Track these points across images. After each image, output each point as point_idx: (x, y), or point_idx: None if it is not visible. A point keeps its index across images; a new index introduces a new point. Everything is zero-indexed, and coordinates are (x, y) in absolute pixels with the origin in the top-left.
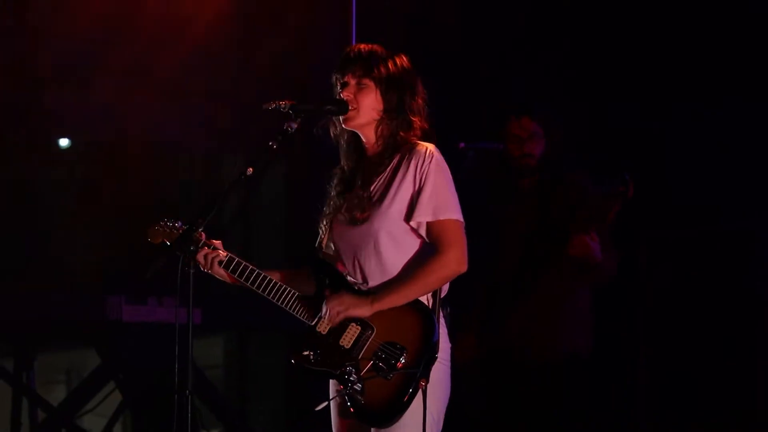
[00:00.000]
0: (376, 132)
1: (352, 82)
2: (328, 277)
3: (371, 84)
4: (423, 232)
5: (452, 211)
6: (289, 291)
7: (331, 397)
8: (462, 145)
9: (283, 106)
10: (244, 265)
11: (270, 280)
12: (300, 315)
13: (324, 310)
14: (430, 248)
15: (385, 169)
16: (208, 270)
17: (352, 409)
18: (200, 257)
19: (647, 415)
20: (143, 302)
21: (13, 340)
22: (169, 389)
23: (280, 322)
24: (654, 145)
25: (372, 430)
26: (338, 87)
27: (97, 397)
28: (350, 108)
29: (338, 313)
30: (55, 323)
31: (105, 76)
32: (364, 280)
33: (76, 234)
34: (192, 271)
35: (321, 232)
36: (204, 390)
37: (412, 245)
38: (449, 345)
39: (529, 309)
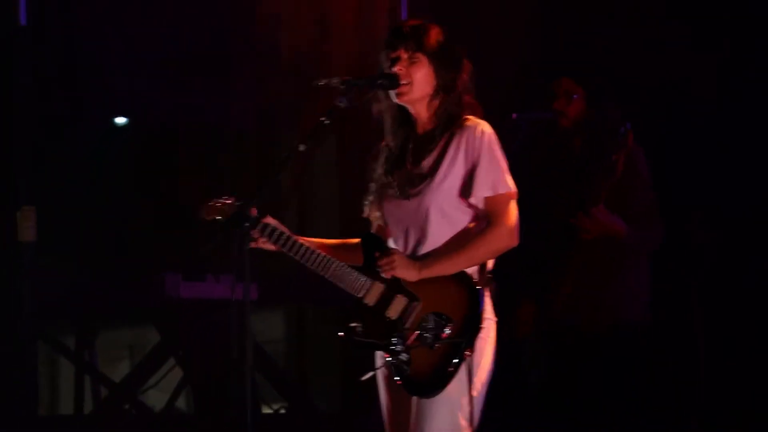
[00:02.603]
0: (428, 107)
1: (405, 56)
2: (377, 250)
3: (424, 59)
4: (481, 206)
5: (506, 185)
6: (337, 263)
7: (377, 367)
8: (514, 116)
9: (334, 81)
10: (292, 239)
11: (318, 254)
12: (347, 286)
13: (376, 265)
14: (480, 223)
15: (437, 145)
16: (262, 245)
17: (397, 380)
18: (254, 234)
19: (707, 384)
20: (201, 279)
21: (76, 320)
22: (228, 365)
23: (338, 295)
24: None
25: (415, 399)
26: (387, 62)
27: (158, 373)
28: (403, 82)
29: (387, 271)
30: (115, 302)
31: (162, 54)
32: (413, 254)
33: (133, 212)
34: (247, 247)
35: (367, 208)
36: (264, 365)
37: (463, 220)
38: (495, 319)
39: (582, 278)
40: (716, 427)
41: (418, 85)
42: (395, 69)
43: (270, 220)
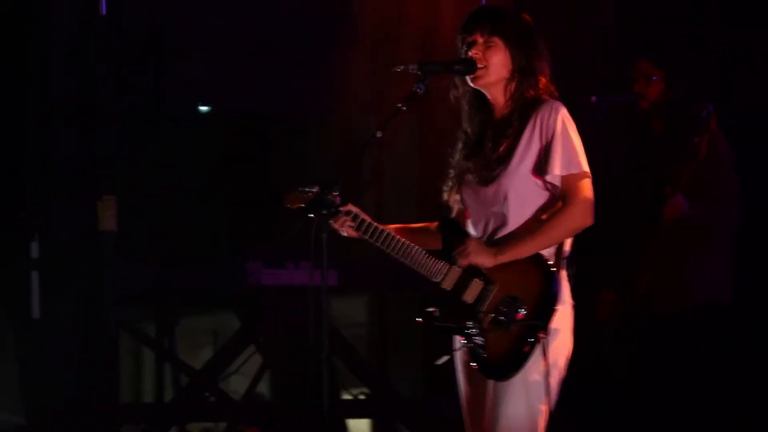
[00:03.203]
0: (505, 92)
1: (480, 40)
2: (455, 236)
3: (500, 42)
4: (558, 184)
5: (580, 165)
6: (415, 249)
7: (454, 350)
8: (594, 98)
9: (411, 67)
10: (373, 226)
11: (396, 240)
12: (425, 272)
13: (452, 253)
14: (556, 203)
15: (514, 129)
16: (343, 232)
17: (474, 364)
18: (336, 220)
19: None
20: (281, 266)
21: (157, 308)
22: (307, 351)
23: (418, 281)
24: None
25: (492, 383)
26: (464, 47)
27: (239, 360)
28: (479, 66)
29: (464, 258)
30: (196, 289)
31: (243, 41)
32: (493, 238)
33: (214, 200)
34: (325, 234)
35: (446, 193)
36: (344, 351)
37: (541, 202)
38: (572, 302)
39: (663, 261)
40: None
41: (494, 69)
42: (471, 53)
43: (351, 207)
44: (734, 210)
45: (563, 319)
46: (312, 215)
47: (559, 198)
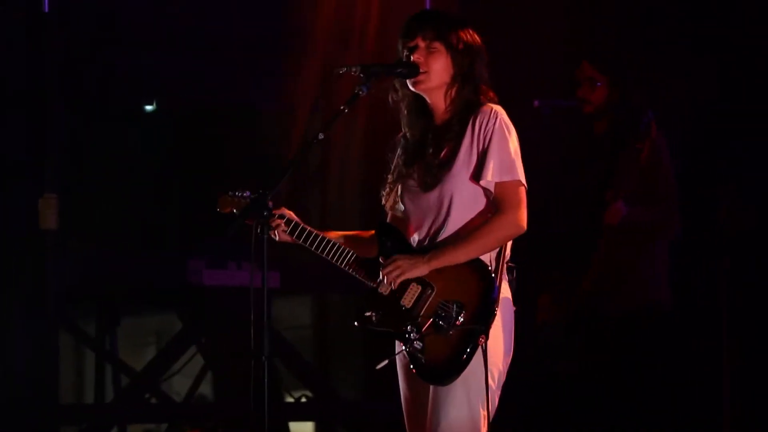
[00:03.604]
0: (445, 97)
1: (422, 45)
2: (390, 240)
3: (442, 47)
4: (492, 191)
5: (514, 173)
6: (351, 253)
7: (392, 356)
8: (537, 103)
9: (354, 69)
10: (307, 230)
11: (333, 244)
12: (362, 277)
13: (381, 276)
14: (490, 210)
15: (455, 134)
16: (278, 238)
17: (413, 368)
18: (271, 223)
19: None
20: (224, 266)
21: (98, 307)
22: (247, 353)
23: (360, 283)
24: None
25: (432, 387)
26: (405, 51)
27: (181, 360)
28: (421, 71)
29: (396, 277)
30: (137, 289)
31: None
32: (434, 241)
33: (157, 199)
34: (265, 235)
35: (384, 198)
36: (287, 353)
37: (481, 207)
38: (513, 308)
39: (605, 264)
40: (744, 419)
41: (435, 74)
42: (413, 57)
43: (284, 211)
44: (675, 216)
45: (504, 323)
46: (247, 220)
47: (494, 204)
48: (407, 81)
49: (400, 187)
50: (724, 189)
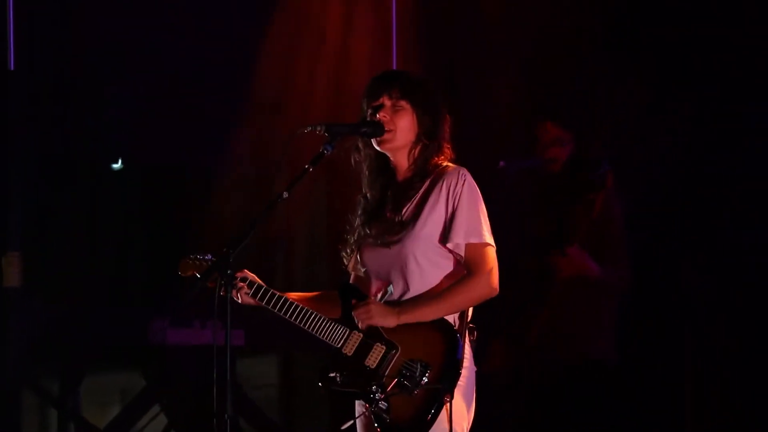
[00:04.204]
0: (409, 156)
1: (388, 103)
2: (355, 299)
3: (408, 106)
4: (461, 253)
5: (483, 235)
6: (314, 315)
7: (357, 416)
8: (502, 163)
9: (318, 128)
10: (270, 291)
11: (296, 306)
12: (326, 338)
13: (353, 315)
14: (461, 270)
15: (417, 192)
16: (241, 300)
17: (378, 428)
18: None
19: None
20: (188, 325)
21: (61, 363)
22: (210, 412)
23: (324, 343)
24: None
25: None
26: (369, 110)
27: (144, 418)
28: (386, 130)
29: (364, 321)
30: (101, 346)
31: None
32: (395, 302)
33: (121, 257)
34: (229, 295)
35: (345, 258)
36: (250, 412)
37: (445, 267)
38: (475, 368)
39: (555, 315)
40: None
41: (401, 133)
42: (379, 116)
43: (247, 274)
44: (626, 272)
45: (466, 383)
46: (208, 283)
47: (463, 266)
48: (372, 140)
49: (359, 246)
50: (689, 258)
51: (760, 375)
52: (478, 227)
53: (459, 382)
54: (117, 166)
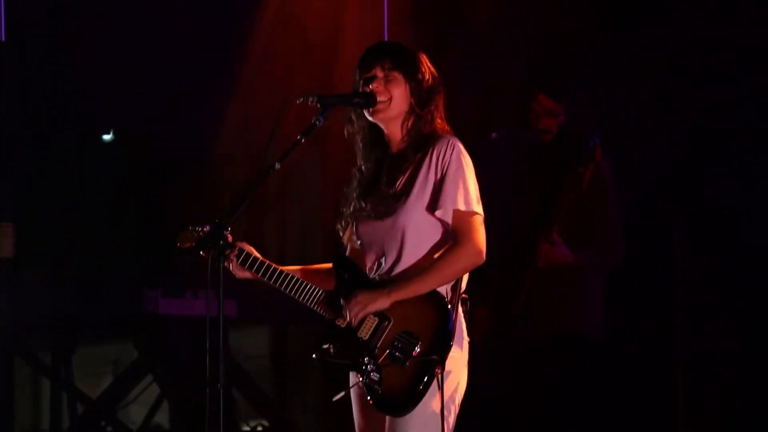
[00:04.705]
0: (402, 127)
1: (380, 74)
2: (348, 273)
3: (400, 76)
4: (449, 221)
5: (471, 204)
6: (309, 287)
7: (351, 386)
8: (494, 135)
9: (311, 99)
10: (266, 263)
11: (290, 277)
12: (319, 310)
13: (345, 314)
14: (448, 241)
15: (410, 165)
16: (235, 273)
17: (370, 399)
18: (226, 259)
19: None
20: (180, 296)
21: (54, 336)
22: (203, 382)
23: (317, 313)
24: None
25: (388, 419)
26: (361, 81)
27: (137, 388)
28: (379, 100)
29: (357, 314)
30: (93, 317)
31: (150, 68)
32: (390, 272)
33: (114, 227)
34: (221, 265)
35: (341, 231)
36: (243, 383)
37: (435, 237)
38: (467, 339)
39: (539, 284)
40: None
41: (395, 103)
42: (372, 86)
43: (244, 246)
44: (618, 249)
45: (458, 354)
46: (204, 251)
47: (451, 235)
48: (365, 111)
49: (355, 219)
50: (683, 222)
51: (752, 351)
52: (466, 196)
53: (451, 354)
54: (108, 137)
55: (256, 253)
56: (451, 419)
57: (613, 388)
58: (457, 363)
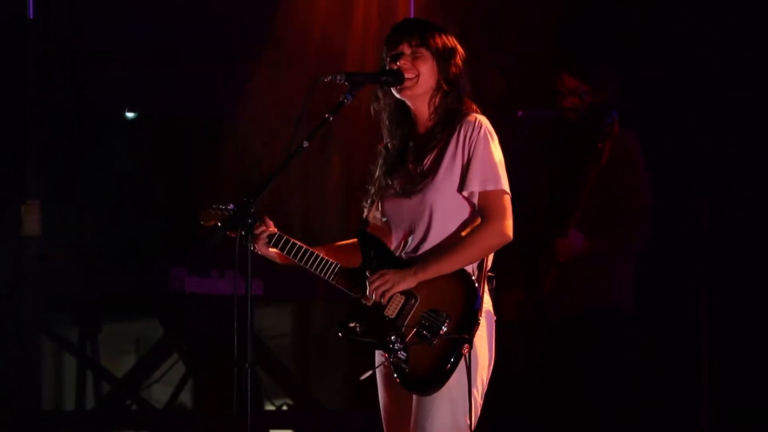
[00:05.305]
0: (429, 104)
1: (408, 51)
2: (374, 250)
3: (427, 54)
4: (476, 202)
5: (498, 182)
6: (335, 265)
7: (376, 366)
8: (520, 113)
9: (339, 77)
10: (292, 242)
11: (316, 256)
12: (346, 288)
13: (369, 291)
14: (476, 220)
15: (437, 143)
16: (259, 250)
17: (397, 378)
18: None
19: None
20: (206, 274)
21: (79, 314)
22: (229, 361)
23: (343, 292)
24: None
25: (415, 397)
26: (388, 59)
27: (162, 368)
28: (407, 77)
29: (384, 293)
30: (119, 295)
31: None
32: (416, 251)
33: (140, 206)
34: (250, 244)
35: (366, 208)
36: (268, 362)
37: (463, 216)
38: (494, 317)
39: (564, 265)
40: (721, 422)
41: (422, 80)
42: (399, 63)
43: (269, 224)
44: (642, 231)
45: (486, 333)
46: (230, 232)
47: (478, 214)
48: (392, 89)
49: (381, 197)
50: (705, 201)
51: None
52: (494, 174)
53: (478, 332)
54: (131, 115)
55: (280, 231)
56: (479, 397)
57: (640, 363)
58: (484, 341)
